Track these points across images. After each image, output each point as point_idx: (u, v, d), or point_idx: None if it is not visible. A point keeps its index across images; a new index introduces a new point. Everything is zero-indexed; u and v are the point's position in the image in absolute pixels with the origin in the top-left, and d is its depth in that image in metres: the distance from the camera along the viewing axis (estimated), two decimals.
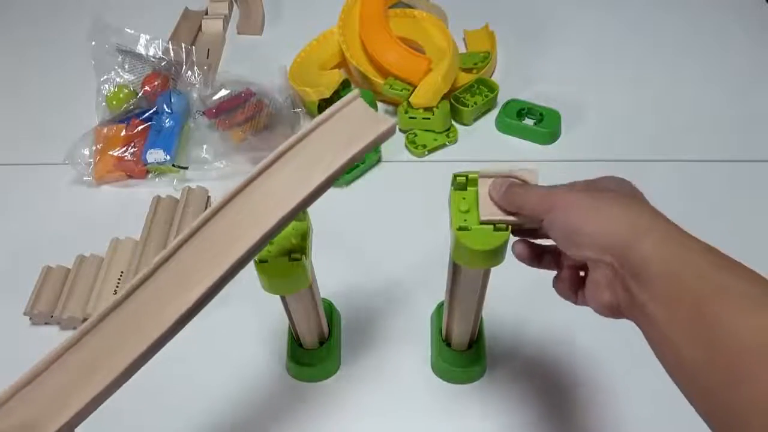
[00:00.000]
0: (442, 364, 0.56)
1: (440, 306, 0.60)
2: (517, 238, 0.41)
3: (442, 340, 0.57)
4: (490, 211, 0.39)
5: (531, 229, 0.40)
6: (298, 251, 0.42)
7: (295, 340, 0.57)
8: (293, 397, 0.56)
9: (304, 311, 0.50)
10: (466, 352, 0.56)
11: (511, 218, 0.38)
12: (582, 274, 0.39)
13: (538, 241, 0.41)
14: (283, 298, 0.48)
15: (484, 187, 0.40)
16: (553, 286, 0.41)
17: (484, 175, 0.40)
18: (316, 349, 0.57)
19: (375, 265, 0.65)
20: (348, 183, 0.74)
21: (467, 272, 0.44)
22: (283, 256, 0.42)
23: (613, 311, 0.34)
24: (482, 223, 0.39)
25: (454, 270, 0.45)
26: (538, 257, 0.41)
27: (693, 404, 0.29)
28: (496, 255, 0.40)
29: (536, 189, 0.37)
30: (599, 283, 0.34)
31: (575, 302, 0.39)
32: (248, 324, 0.61)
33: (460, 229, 0.39)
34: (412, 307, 0.62)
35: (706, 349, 0.27)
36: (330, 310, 0.60)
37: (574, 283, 0.39)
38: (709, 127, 0.80)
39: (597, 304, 0.35)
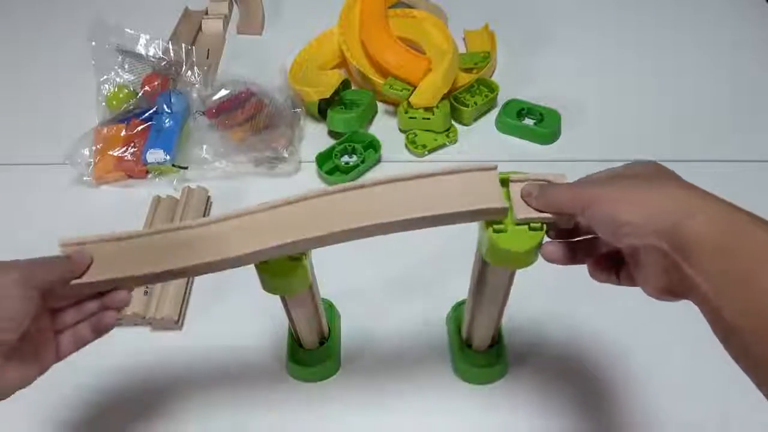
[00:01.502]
0: (463, 365, 0.56)
1: (457, 307, 0.59)
2: (546, 240, 0.41)
3: (462, 340, 0.56)
4: (525, 210, 0.39)
5: (564, 228, 0.40)
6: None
7: (295, 341, 0.57)
8: (293, 397, 0.56)
9: (304, 312, 0.50)
10: (487, 352, 0.56)
11: (546, 215, 0.38)
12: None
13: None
14: (283, 299, 0.48)
15: (515, 187, 0.40)
16: (591, 275, 0.40)
17: (515, 179, 0.40)
18: (315, 350, 0.57)
19: (375, 265, 0.65)
20: None
21: (497, 272, 0.43)
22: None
23: (668, 293, 0.34)
24: (518, 222, 0.39)
25: (482, 270, 0.44)
26: (570, 255, 0.41)
27: (748, 374, 0.29)
28: (532, 255, 0.39)
29: (567, 187, 0.37)
30: (650, 268, 0.33)
31: (617, 283, 0.39)
32: (248, 324, 0.61)
33: (496, 231, 0.39)
34: (413, 307, 0.62)
35: (760, 318, 0.28)
36: (330, 310, 0.60)
37: (611, 266, 0.39)
38: (710, 127, 0.80)
39: (651, 288, 0.35)
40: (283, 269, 0.42)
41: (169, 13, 1.00)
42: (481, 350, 0.56)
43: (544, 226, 0.39)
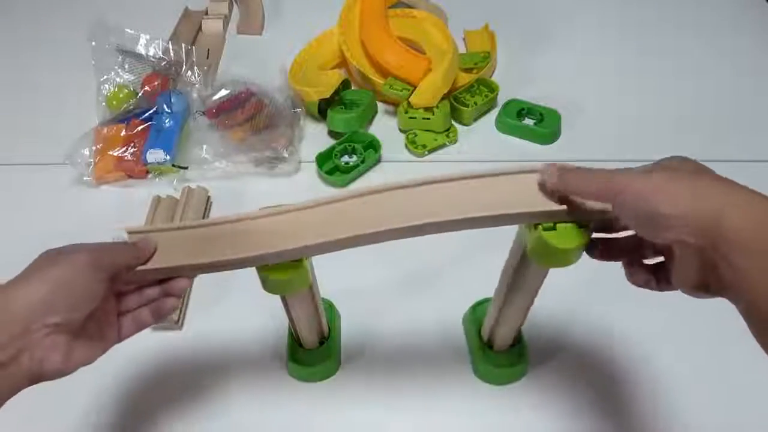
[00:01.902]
0: (485, 366, 0.55)
1: (475, 307, 0.59)
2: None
3: (482, 341, 0.56)
4: (542, 202, 0.38)
5: (607, 226, 0.39)
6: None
7: (295, 340, 0.57)
8: (293, 397, 0.56)
9: (304, 311, 0.50)
10: (508, 352, 0.56)
11: (562, 207, 0.38)
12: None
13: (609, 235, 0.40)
14: (283, 298, 0.48)
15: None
16: (628, 278, 0.39)
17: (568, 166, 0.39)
18: (315, 349, 0.57)
19: (374, 265, 0.65)
20: (347, 183, 0.74)
21: (535, 272, 0.43)
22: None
23: (702, 290, 0.33)
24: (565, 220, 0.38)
25: (519, 270, 0.44)
26: (606, 251, 0.40)
27: None
28: (579, 252, 0.39)
29: (597, 172, 0.36)
30: (686, 265, 0.32)
31: (656, 289, 0.38)
32: (248, 324, 0.61)
33: (546, 229, 0.38)
34: (413, 306, 0.62)
35: None
36: (330, 310, 0.60)
37: (649, 268, 0.38)
38: (710, 126, 0.80)
39: (686, 286, 0.34)
40: (283, 269, 0.42)
41: (169, 13, 1.00)
42: (502, 350, 0.55)
43: (591, 223, 0.38)
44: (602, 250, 0.40)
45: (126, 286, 0.42)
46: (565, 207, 0.38)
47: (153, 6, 1.02)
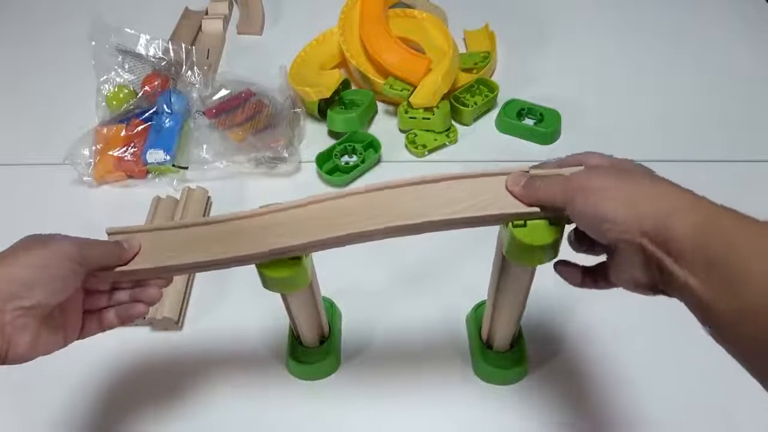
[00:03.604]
0: (485, 366, 0.55)
1: (478, 307, 0.59)
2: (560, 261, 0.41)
3: (482, 342, 0.56)
4: (513, 203, 0.39)
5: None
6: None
7: (295, 338, 0.57)
8: (293, 395, 0.56)
9: (304, 310, 0.50)
10: (508, 353, 0.56)
11: (534, 210, 0.38)
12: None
13: None
14: (283, 297, 0.48)
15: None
16: (565, 279, 0.41)
17: (536, 174, 0.40)
18: (316, 348, 0.57)
19: (378, 264, 0.65)
20: (347, 183, 0.74)
21: (516, 270, 0.43)
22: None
23: (646, 288, 0.34)
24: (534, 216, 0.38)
25: (502, 268, 0.45)
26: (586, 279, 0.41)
27: (744, 364, 0.29)
28: (551, 250, 0.39)
29: (555, 179, 0.37)
30: (631, 264, 0.34)
31: (593, 288, 0.40)
32: (248, 322, 0.61)
33: (515, 225, 0.39)
34: (415, 305, 0.62)
35: (748, 310, 0.28)
36: (331, 308, 0.60)
37: (583, 270, 0.39)
38: (709, 126, 0.80)
39: (630, 284, 0.35)
40: (283, 267, 0.42)
41: (169, 13, 1.00)
42: (502, 351, 0.56)
43: (563, 221, 0.38)
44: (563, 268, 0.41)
45: (99, 286, 0.42)
46: (535, 209, 0.38)
47: (153, 6, 1.02)
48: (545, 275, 0.43)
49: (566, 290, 0.54)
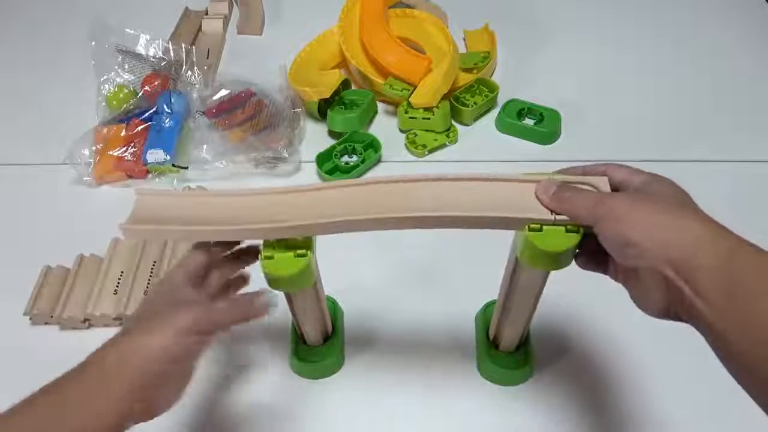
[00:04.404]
0: (490, 366, 0.55)
1: (487, 307, 0.59)
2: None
3: (489, 341, 0.56)
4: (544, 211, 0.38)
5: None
6: (303, 248, 0.42)
7: (298, 337, 0.57)
8: (296, 393, 0.56)
9: (308, 308, 0.50)
10: (514, 354, 0.55)
11: (564, 217, 0.38)
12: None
13: None
14: (287, 295, 0.48)
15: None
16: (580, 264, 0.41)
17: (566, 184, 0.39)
18: (319, 346, 0.57)
19: (379, 262, 0.65)
20: None
21: (530, 274, 0.43)
22: (289, 251, 0.42)
23: (665, 314, 0.35)
24: (555, 223, 0.38)
25: (515, 270, 0.44)
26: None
27: (754, 396, 0.30)
28: (567, 257, 0.39)
29: (587, 194, 0.37)
30: (651, 290, 0.34)
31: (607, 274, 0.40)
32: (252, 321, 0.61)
33: (532, 230, 0.38)
34: (418, 305, 0.62)
35: (760, 344, 0.29)
36: (333, 307, 0.60)
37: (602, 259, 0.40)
38: (710, 127, 0.80)
39: (649, 308, 0.36)
40: (288, 266, 0.42)
41: (169, 13, 1.00)
42: (507, 351, 0.55)
43: (581, 229, 0.38)
44: (586, 261, 0.41)
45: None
46: (554, 216, 0.38)
47: (153, 6, 1.02)
48: (552, 276, 0.43)
49: (573, 291, 0.54)
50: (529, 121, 0.81)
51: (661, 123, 0.81)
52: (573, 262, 0.41)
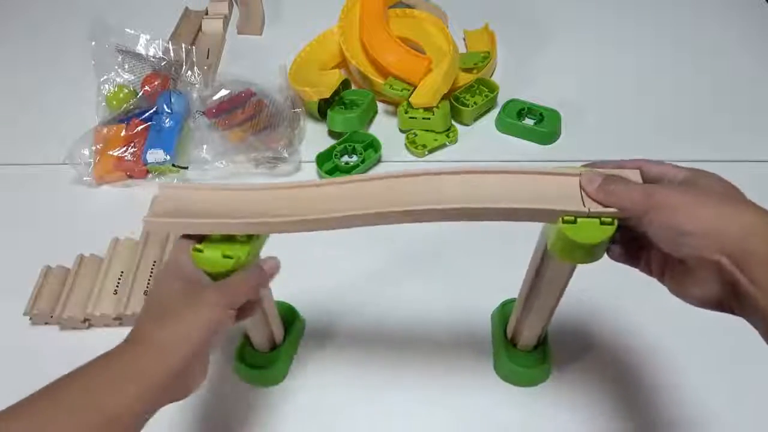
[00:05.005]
0: (508, 365, 0.55)
1: (505, 304, 0.59)
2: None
3: (507, 339, 0.56)
4: (590, 203, 0.38)
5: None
6: (238, 251, 0.40)
7: (246, 340, 0.56)
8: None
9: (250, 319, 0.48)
10: (532, 353, 0.55)
11: (612, 210, 0.37)
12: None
13: None
14: None
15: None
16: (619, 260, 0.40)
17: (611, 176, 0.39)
18: (266, 353, 0.56)
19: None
20: None
21: (558, 267, 0.43)
22: (221, 249, 0.40)
23: (715, 305, 0.34)
24: (589, 215, 0.38)
25: (541, 263, 0.44)
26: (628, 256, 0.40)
27: None
28: (600, 249, 0.38)
29: (635, 185, 0.37)
30: (703, 281, 0.34)
31: (649, 275, 0.40)
32: None
33: (566, 221, 0.38)
34: (412, 305, 0.62)
35: None
36: (292, 314, 0.59)
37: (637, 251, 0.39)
38: (710, 126, 0.80)
39: (697, 299, 0.35)
40: (212, 264, 0.40)
41: (169, 13, 1.00)
42: (525, 350, 0.55)
43: (615, 221, 0.37)
44: (622, 253, 0.40)
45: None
46: (588, 208, 0.37)
47: (153, 6, 1.02)
48: (576, 273, 0.43)
49: (592, 287, 0.53)
50: (529, 121, 0.81)
51: (661, 123, 0.81)
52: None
